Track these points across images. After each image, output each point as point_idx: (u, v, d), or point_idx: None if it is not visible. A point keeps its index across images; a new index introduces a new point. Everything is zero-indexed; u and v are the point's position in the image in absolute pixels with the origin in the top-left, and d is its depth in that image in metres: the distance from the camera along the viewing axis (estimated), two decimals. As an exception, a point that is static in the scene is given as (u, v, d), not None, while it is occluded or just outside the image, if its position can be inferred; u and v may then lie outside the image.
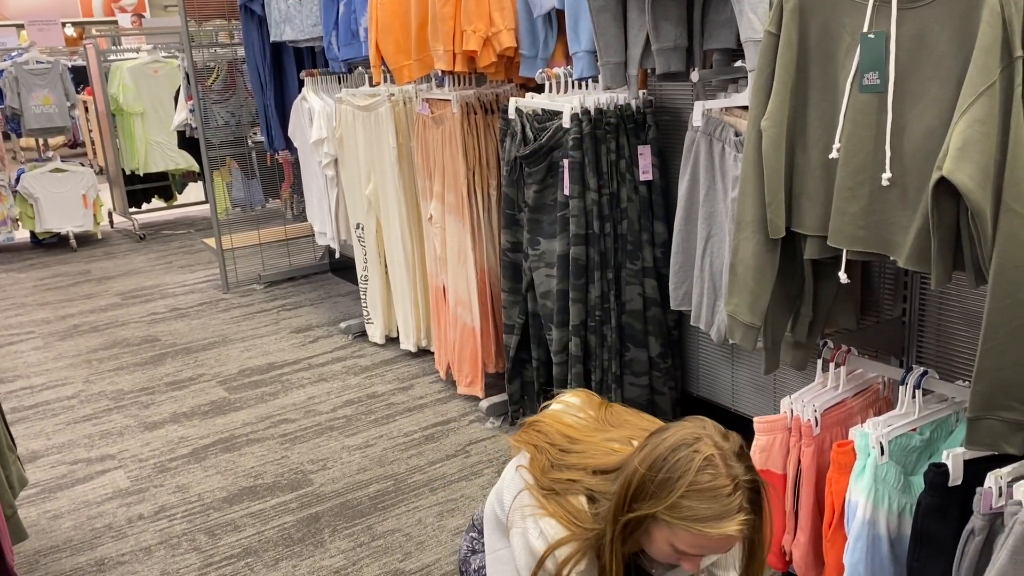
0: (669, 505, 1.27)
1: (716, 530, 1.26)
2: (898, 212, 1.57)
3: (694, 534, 1.27)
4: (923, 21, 1.48)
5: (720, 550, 1.35)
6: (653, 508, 1.29)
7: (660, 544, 1.34)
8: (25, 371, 3.94)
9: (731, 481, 1.26)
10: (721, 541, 1.29)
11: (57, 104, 6.37)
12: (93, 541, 2.53)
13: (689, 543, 1.29)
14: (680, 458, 1.28)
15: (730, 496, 1.26)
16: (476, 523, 1.72)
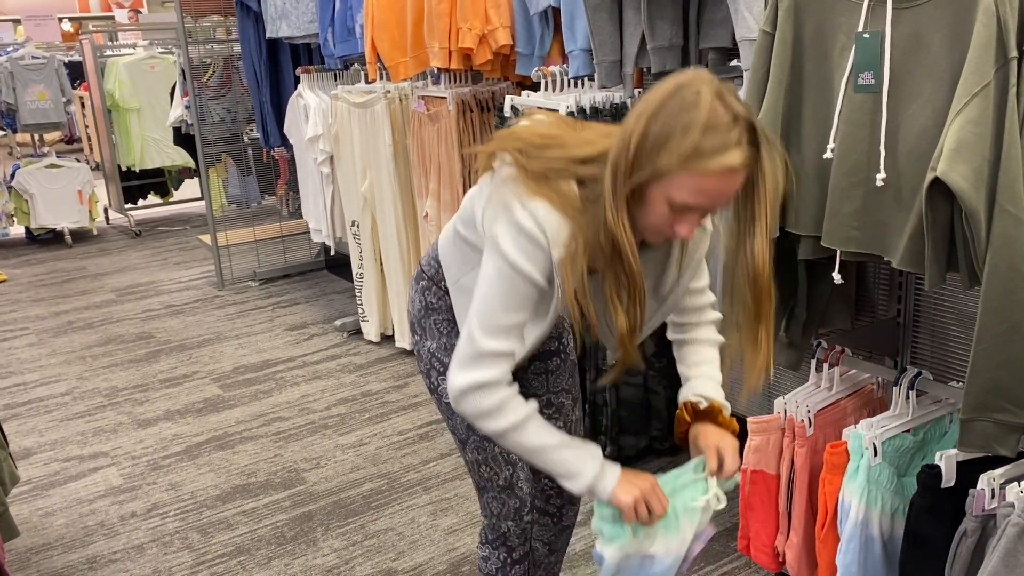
0: (669, 149, 1.20)
1: (718, 163, 1.19)
2: (892, 213, 1.56)
3: (695, 175, 1.20)
4: (918, 21, 1.47)
5: (721, 197, 1.24)
6: (654, 160, 1.21)
7: (656, 206, 1.25)
8: (19, 367, 3.93)
9: (729, 114, 1.20)
10: (722, 180, 1.21)
11: (53, 100, 6.36)
12: (85, 539, 2.52)
13: (690, 190, 1.21)
14: (677, 100, 1.21)
15: (730, 128, 1.20)
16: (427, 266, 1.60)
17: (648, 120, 1.22)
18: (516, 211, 1.30)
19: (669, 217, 1.26)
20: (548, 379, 1.72)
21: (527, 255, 1.30)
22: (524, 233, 1.29)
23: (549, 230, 1.28)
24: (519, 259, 1.30)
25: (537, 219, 1.28)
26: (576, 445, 1.38)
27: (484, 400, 1.34)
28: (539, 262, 1.30)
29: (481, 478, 1.63)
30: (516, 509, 1.63)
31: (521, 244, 1.30)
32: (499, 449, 1.59)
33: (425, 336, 1.62)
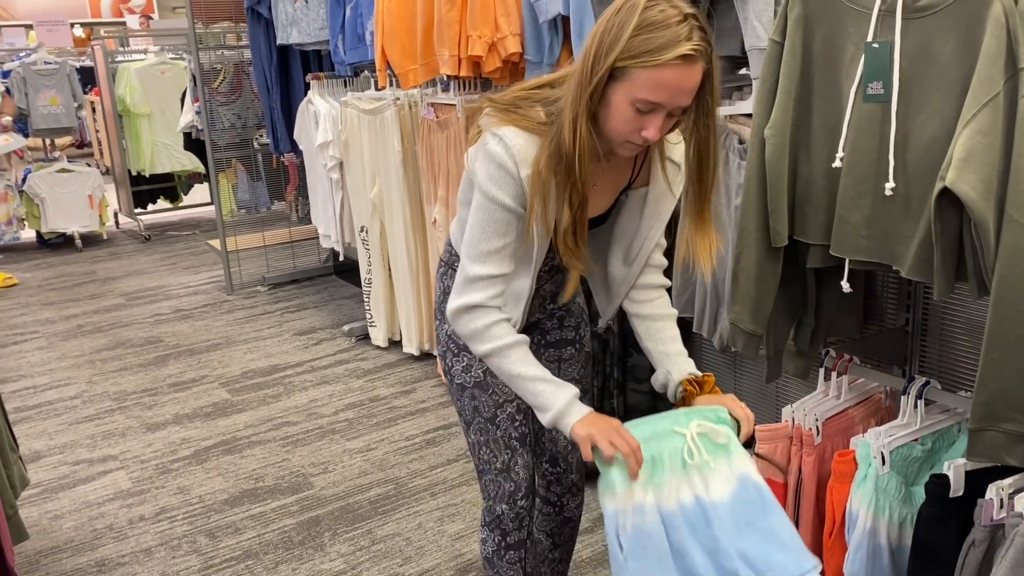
0: (623, 48, 1.29)
1: (671, 53, 1.27)
2: (901, 222, 1.57)
3: (650, 69, 1.28)
4: (927, 31, 1.48)
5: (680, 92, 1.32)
6: (611, 59, 1.30)
7: (620, 109, 1.34)
8: (29, 371, 3.95)
9: (678, 12, 1.29)
10: (678, 72, 1.29)
11: (64, 105, 6.40)
12: (94, 542, 2.53)
13: (648, 85, 1.30)
14: (628, 6, 1.31)
15: (680, 23, 1.28)
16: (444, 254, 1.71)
17: (603, 27, 1.33)
18: (488, 141, 1.42)
19: (634, 120, 1.34)
20: (560, 367, 1.78)
21: (498, 182, 1.41)
22: (494, 161, 1.41)
23: (516, 151, 1.40)
24: (491, 187, 1.41)
25: (505, 143, 1.40)
26: (553, 382, 1.45)
27: (473, 321, 1.46)
28: (510, 187, 1.41)
29: (480, 460, 1.70)
30: (511, 493, 1.68)
31: (492, 172, 1.41)
32: (500, 433, 1.67)
33: (444, 320, 1.70)
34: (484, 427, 1.68)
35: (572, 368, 1.80)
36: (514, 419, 1.69)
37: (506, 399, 1.68)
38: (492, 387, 1.67)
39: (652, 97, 1.31)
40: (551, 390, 1.44)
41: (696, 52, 1.29)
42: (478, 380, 1.67)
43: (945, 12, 1.45)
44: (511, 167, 1.40)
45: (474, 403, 1.67)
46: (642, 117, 1.34)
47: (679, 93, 1.32)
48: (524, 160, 1.40)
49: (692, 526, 1.37)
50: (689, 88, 1.32)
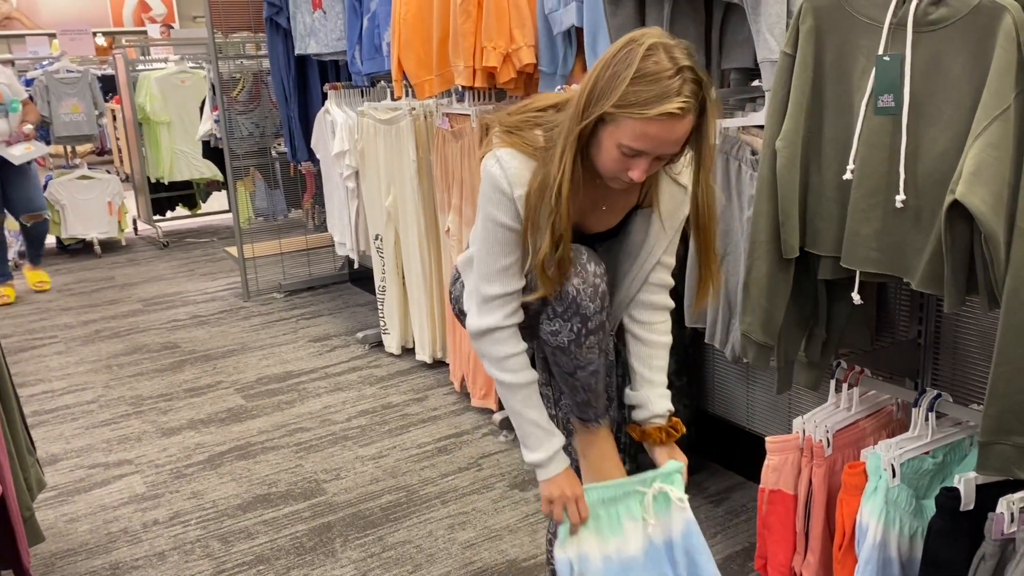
0: (616, 96, 1.34)
1: (658, 109, 1.32)
2: (912, 234, 1.57)
3: (638, 120, 1.33)
4: (938, 44, 1.48)
5: (665, 143, 1.37)
6: (602, 105, 1.35)
7: (608, 150, 1.39)
8: (47, 375, 4.00)
9: (673, 65, 1.33)
10: (664, 126, 1.34)
11: (86, 112, 6.48)
12: (108, 545, 2.56)
13: (634, 134, 1.35)
14: (626, 52, 1.36)
15: (671, 78, 1.32)
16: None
17: (600, 69, 1.38)
18: (487, 163, 1.49)
19: (621, 160, 1.40)
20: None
21: (495, 203, 1.48)
22: (491, 182, 1.48)
23: (510, 172, 1.46)
24: (490, 208, 1.49)
25: (501, 164, 1.47)
26: (545, 429, 1.58)
27: (492, 347, 1.55)
28: (506, 207, 1.48)
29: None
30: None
31: (489, 193, 1.48)
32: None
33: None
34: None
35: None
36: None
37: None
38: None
39: (636, 145, 1.37)
40: (541, 435, 1.58)
41: (682, 109, 1.33)
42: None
43: (956, 25, 1.46)
44: (505, 188, 1.47)
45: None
46: (628, 159, 1.40)
47: (663, 144, 1.38)
48: (517, 181, 1.46)
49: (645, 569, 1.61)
50: (674, 140, 1.38)
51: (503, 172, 1.46)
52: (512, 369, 1.56)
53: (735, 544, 2.39)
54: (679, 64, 1.33)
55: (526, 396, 1.58)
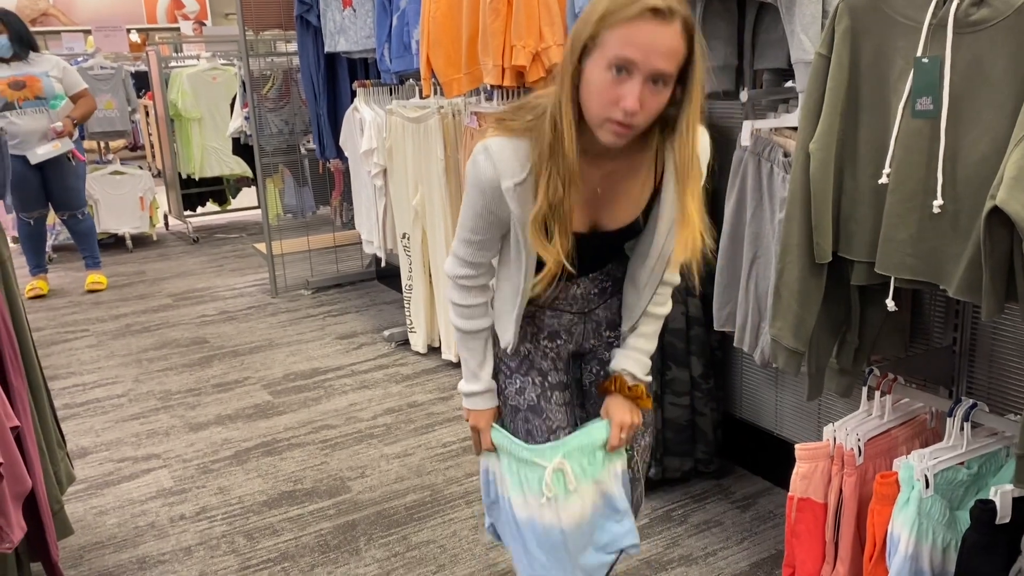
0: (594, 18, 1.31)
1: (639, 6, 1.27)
2: (949, 240, 1.53)
3: (619, 26, 1.28)
4: (979, 47, 1.44)
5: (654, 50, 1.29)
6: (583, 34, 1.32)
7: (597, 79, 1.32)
8: (79, 368, 4.05)
9: None
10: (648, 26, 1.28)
11: (119, 109, 6.56)
12: (136, 539, 2.58)
13: (619, 42, 1.29)
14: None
15: None
16: None
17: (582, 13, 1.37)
18: (477, 153, 1.47)
19: (612, 88, 1.31)
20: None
21: (480, 189, 1.48)
22: (478, 169, 1.47)
23: (498, 161, 1.45)
24: (474, 193, 1.50)
25: (490, 153, 1.45)
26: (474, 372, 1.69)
27: (452, 292, 1.65)
28: (491, 196, 1.48)
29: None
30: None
31: (474, 180, 1.49)
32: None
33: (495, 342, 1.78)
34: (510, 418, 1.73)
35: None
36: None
37: (559, 425, 1.69)
38: (546, 411, 1.69)
39: (623, 53, 1.29)
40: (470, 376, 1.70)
41: (667, 8, 1.28)
42: (532, 404, 1.68)
43: (998, 27, 1.42)
44: (492, 177, 1.46)
45: (527, 426, 1.69)
46: (619, 86, 1.31)
47: (653, 51, 1.29)
48: (506, 171, 1.45)
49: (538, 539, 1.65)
50: (664, 48, 1.29)
51: (492, 163, 1.45)
52: (462, 316, 1.66)
53: (762, 551, 2.36)
54: None
55: (469, 340, 1.68)
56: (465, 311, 1.66)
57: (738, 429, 2.77)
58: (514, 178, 1.45)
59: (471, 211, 1.53)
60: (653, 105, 1.35)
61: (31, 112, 4.85)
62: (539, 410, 1.69)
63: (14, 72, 4.81)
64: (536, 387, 1.70)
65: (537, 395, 1.70)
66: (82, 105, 5.07)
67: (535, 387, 1.70)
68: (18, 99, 4.80)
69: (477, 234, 1.56)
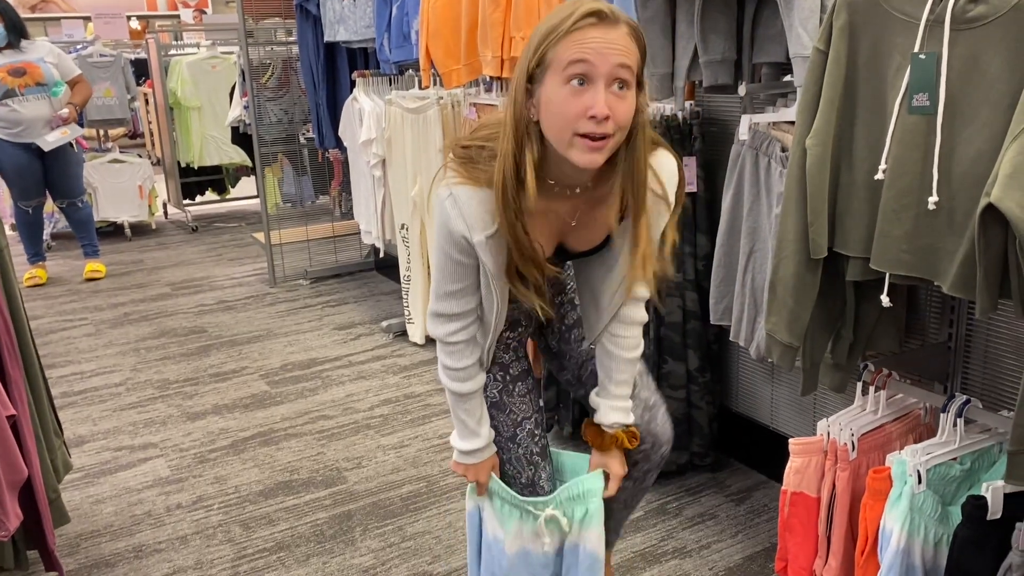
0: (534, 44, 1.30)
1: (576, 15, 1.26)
2: (944, 237, 1.53)
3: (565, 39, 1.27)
4: (977, 43, 1.44)
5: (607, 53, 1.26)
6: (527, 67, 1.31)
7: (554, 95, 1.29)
8: (76, 356, 4.05)
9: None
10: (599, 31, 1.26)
11: (118, 96, 6.55)
12: (132, 528, 2.59)
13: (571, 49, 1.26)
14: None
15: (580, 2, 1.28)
16: None
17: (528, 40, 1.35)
18: (443, 200, 1.42)
19: (572, 99, 1.27)
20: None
21: (450, 241, 1.44)
22: (446, 221, 1.42)
23: (468, 215, 1.40)
24: (444, 243, 1.46)
25: (459, 206, 1.40)
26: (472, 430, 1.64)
27: (441, 355, 1.59)
28: (461, 247, 1.44)
29: (505, 475, 1.73)
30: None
31: (443, 231, 1.44)
32: (521, 451, 1.70)
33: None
34: (504, 446, 1.70)
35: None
36: (533, 435, 1.70)
37: (524, 416, 1.70)
38: (509, 406, 1.69)
39: (577, 57, 1.26)
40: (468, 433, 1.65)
41: (607, 11, 1.27)
42: (494, 400, 1.69)
43: (996, 24, 1.42)
44: (463, 231, 1.41)
45: (493, 423, 1.69)
46: (581, 96, 1.27)
47: (606, 50, 1.26)
48: (476, 225, 1.40)
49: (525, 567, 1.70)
50: (618, 47, 1.27)
51: (461, 215, 1.40)
52: (457, 379, 1.60)
53: (756, 544, 2.37)
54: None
55: (466, 402, 1.62)
56: (460, 374, 1.59)
57: (734, 423, 2.77)
58: (485, 231, 1.41)
59: (446, 261, 1.48)
60: (621, 110, 1.30)
61: (33, 99, 4.83)
62: (502, 406, 1.70)
63: (11, 59, 4.80)
64: (497, 383, 1.70)
65: (499, 391, 1.70)
66: (80, 91, 5.07)
67: (496, 383, 1.70)
68: (19, 86, 4.79)
69: (457, 283, 1.50)
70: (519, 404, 1.70)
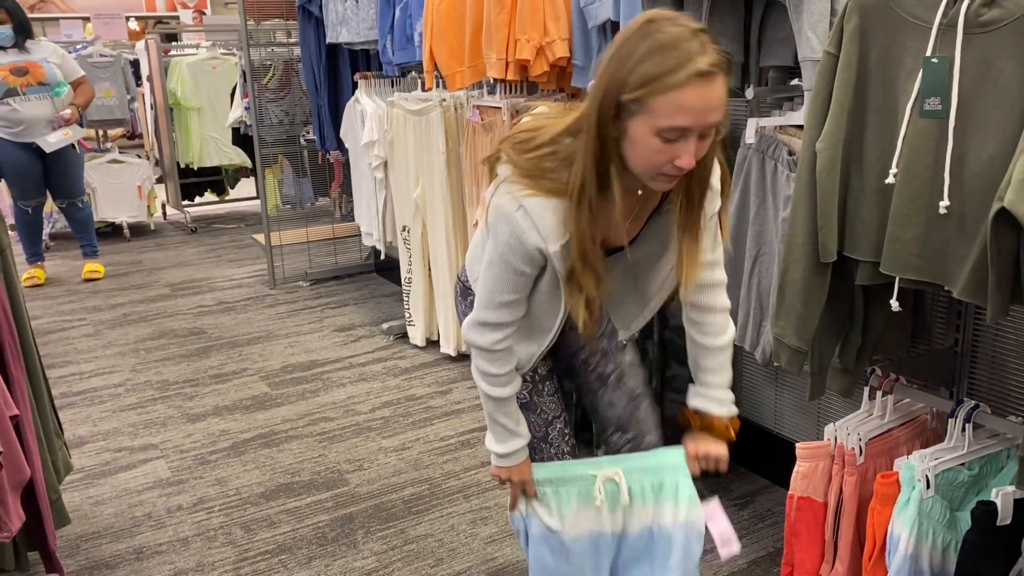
0: (635, 79, 1.22)
1: (686, 71, 1.20)
2: (955, 241, 1.53)
3: (669, 92, 1.21)
4: (989, 47, 1.44)
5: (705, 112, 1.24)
6: (620, 94, 1.24)
7: (645, 143, 1.27)
8: (76, 357, 4.04)
9: (687, 29, 1.23)
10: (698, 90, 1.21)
11: (118, 97, 6.53)
12: (133, 529, 2.57)
13: (669, 110, 1.22)
14: (632, 34, 1.26)
15: (690, 40, 1.21)
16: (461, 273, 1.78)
17: (614, 60, 1.27)
18: (512, 212, 1.38)
19: (664, 150, 1.27)
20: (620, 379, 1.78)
21: (517, 253, 1.41)
22: (517, 234, 1.39)
23: (544, 228, 1.37)
24: (509, 255, 1.42)
25: (533, 219, 1.37)
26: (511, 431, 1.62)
27: (480, 362, 1.56)
28: (529, 259, 1.42)
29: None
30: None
31: (512, 243, 1.40)
32: (553, 450, 1.71)
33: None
34: (537, 447, 1.70)
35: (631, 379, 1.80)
36: (564, 434, 1.70)
37: (554, 415, 1.69)
38: (539, 406, 1.68)
39: (675, 122, 1.24)
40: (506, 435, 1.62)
41: (715, 68, 1.22)
42: (524, 401, 1.68)
43: (1009, 28, 1.42)
44: (537, 242, 1.39)
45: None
46: (672, 146, 1.27)
47: (706, 112, 1.25)
48: (552, 236, 1.38)
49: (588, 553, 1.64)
50: (716, 105, 1.25)
51: (535, 227, 1.37)
52: (498, 384, 1.58)
53: (760, 549, 2.36)
54: (692, 27, 1.23)
55: (501, 406, 1.61)
56: (501, 379, 1.58)
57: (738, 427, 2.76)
58: (560, 241, 1.39)
59: (507, 272, 1.45)
60: (704, 150, 1.32)
61: (35, 98, 4.82)
62: (532, 406, 1.70)
63: (14, 59, 4.78)
64: (527, 383, 1.69)
65: (529, 391, 1.70)
66: (83, 92, 5.07)
67: (526, 384, 1.69)
68: (21, 85, 4.77)
69: (514, 293, 1.48)
70: (548, 404, 1.70)
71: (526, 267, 1.44)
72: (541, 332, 1.58)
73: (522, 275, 1.45)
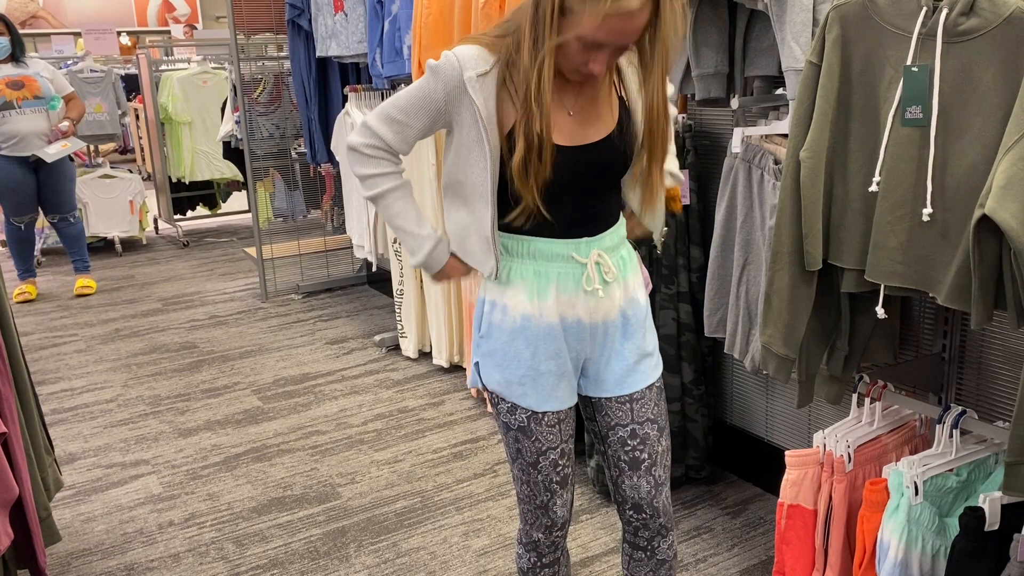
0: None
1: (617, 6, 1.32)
2: (938, 248, 1.54)
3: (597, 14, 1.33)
4: (968, 56, 1.45)
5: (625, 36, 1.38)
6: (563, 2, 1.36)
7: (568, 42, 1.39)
8: (67, 373, 4.02)
9: None
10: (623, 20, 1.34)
11: (109, 112, 6.54)
12: (124, 546, 2.56)
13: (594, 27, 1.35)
14: None
15: None
16: None
17: None
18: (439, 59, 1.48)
19: (580, 53, 1.41)
20: (633, 408, 1.67)
21: (431, 77, 1.48)
22: (439, 64, 1.47)
23: (463, 57, 1.46)
24: (424, 82, 1.49)
25: (455, 52, 1.47)
26: (414, 233, 1.62)
27: (359, 167, 1.60)
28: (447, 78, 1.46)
29: (521, 492, 1.71)
30: (548, 526, 1.71)
31: (432, 71, 1.48)
32: (541, 477, 1.66)
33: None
34: (526, 469, 1.67)
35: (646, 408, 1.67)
36: (556, 464, 1.65)
37: (549, 446, 1.64)
38: (535, 434, 1.63)
39: (596, 38, 1.37)
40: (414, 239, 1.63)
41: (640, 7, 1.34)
42: (522, 424, 1.64)
43: (987, 37, 1.43)
44: (455, 68, 1.46)
45: (517, 445, 1.65)
46: (588, 52, 1.40)
47: (623, 36, 1.38)
48: (469, 64, 1.46)
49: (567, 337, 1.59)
50: (632, 31, 1.39)
51: (455, 58, 1.46)
52: (374, 184, 1.60)
53: (752, 557, 2.36)
54: None
55: (391, 204, 1.62)
56: (377, 179, 1.60)
57: (729, 435, 2.77)
58: (477, 69, 1.46)
59: (412, 91, 1.51)
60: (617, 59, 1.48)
61: (30, 112, 4.84)
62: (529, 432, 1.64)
63: (10, 72, 4.81)
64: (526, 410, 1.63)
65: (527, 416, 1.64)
66: (75, 107, 5.10)
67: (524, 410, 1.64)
68: (17, 98, 4.79)
69: (404, 115, 1.53)
70: (546, 434, 1.64)
71: (441, 89, 1.47)
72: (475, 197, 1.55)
73: (423, 99, 1.50)
